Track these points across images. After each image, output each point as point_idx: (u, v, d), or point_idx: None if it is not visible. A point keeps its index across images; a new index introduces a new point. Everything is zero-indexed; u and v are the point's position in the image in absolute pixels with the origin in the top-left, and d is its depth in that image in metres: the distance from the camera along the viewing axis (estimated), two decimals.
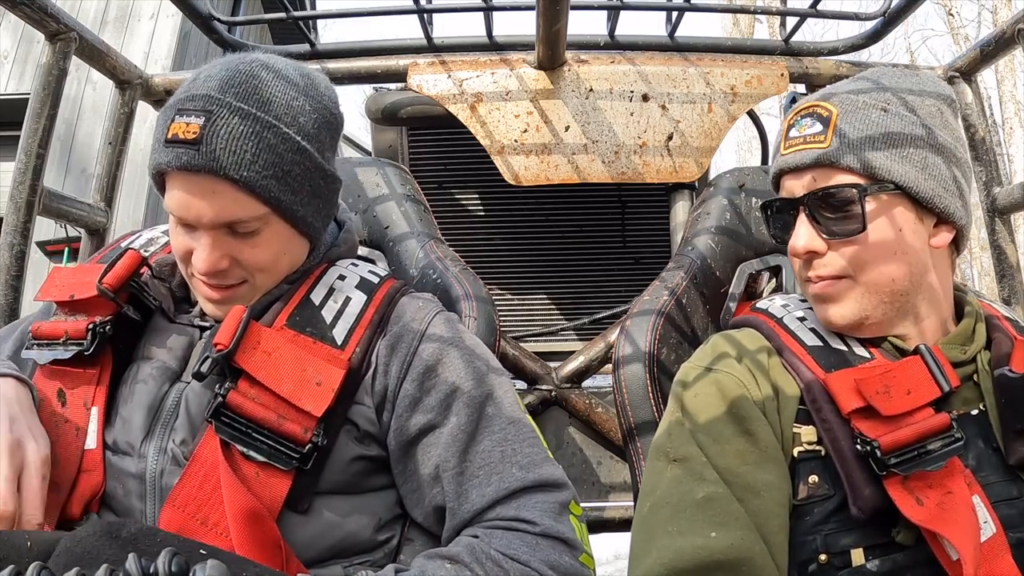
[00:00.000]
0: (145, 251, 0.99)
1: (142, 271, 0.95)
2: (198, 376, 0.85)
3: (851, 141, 0.86)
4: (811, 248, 0.88)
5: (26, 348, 0.93)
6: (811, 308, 0.97)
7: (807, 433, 0.86)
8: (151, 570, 0.59)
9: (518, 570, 0.79)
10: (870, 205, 0.86)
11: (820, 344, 0.91)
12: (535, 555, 0.80)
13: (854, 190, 0.85)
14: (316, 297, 0.93)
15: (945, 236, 0.90)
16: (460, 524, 0.86)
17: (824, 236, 0.88)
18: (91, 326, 0.90)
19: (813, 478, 0.84)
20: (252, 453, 0.82)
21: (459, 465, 0.86)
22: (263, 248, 0.89)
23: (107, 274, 0.91)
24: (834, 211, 0.87)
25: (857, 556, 0.80)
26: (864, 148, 0.85)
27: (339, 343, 0.89)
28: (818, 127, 0.88)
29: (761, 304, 1.02)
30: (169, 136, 0.83)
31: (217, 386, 0.85)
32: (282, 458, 0.83)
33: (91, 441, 0.87)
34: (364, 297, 0.94)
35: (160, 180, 0.88)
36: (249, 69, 0.87)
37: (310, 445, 0.83)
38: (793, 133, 0.91)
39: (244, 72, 0.87)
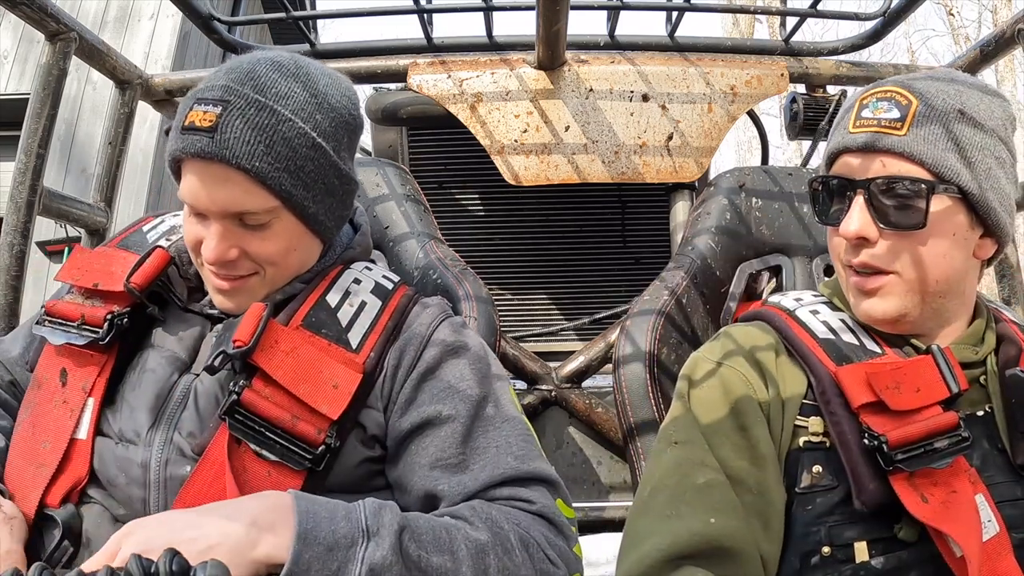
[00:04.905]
0: (167, 240, 1.00)
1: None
2: (210, 370, 0.85)
3: (927, 136, 0.85)
4: (863, 234, 0.86)
5: (37, 323, 0.93)
6: (825, 303, 0.97)
7: (814, 424, 0.86)
8: (152, 570, 0.59)
9: (517, 533, 0.79)
10: (934, 204, 0.84)
11: (831, 337, 0.91)
12: (533, 526, 0.81)
13: (923, 185, 0.84)
14: (332, 299, 0.93)
15: (989, 248, 0.90)
16: (452, 505, 0.85)
17: (880, 224, 0.86)
18: (109, 316, 0.90)
19: (817, 468, 0.84)
20: (265, 452, 0.82)
21: (456, 456, 0.86)
22: (272, 242, 0.89)
23: (135, 272, 0.92)
24: (897, 201, 0.85)
25: (861, 551, 0.80)
26: (938, 146, 0.85)
27: (354, 347, 0.89)
28: (896, 113, 0.86)
29: (773, 298, 1.02)
30: (186, 124, 0.83)
31: (232, 384, 0.84)
32: (295, 458, 0.83)
33: (82, 431, 0.87)
34: (379, 303, 0.95)
35: (176, 168, 0.88)
36: (271, 64, 0.88)
37: (323, 447, 0.83)
38: (866, 114, 0.88)
39: (265, 66, 0.87)
